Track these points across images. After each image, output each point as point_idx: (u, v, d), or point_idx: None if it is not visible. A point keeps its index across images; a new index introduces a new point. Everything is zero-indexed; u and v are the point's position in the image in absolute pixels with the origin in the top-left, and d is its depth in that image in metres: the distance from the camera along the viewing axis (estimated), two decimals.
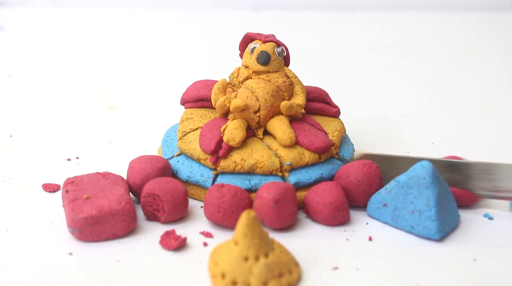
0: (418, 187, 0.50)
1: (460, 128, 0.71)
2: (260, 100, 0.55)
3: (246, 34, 0.59)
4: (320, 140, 0.55)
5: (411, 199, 0.50)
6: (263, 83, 0.56)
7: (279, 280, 0.45)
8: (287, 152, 0.55)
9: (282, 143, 0.55)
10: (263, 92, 0.56)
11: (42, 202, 0.55)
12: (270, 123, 0.56)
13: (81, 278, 0.46)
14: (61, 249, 0.49)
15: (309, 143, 0.55)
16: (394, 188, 0.51)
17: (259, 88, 0.56)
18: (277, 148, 0.55)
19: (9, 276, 0.46)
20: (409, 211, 0.50)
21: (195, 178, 0.55)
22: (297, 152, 0.55)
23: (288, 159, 0.54)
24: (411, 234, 0.51)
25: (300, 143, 0.55)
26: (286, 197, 0.51)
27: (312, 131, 0.56)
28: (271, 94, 0.56)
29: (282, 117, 0.56)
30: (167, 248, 0.49)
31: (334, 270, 0.47)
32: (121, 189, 0.52)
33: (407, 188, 0.50)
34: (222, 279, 0.45)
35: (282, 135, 0.55)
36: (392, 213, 0.52)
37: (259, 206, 0.50)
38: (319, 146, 0.55)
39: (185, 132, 0.57)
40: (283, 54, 0.58)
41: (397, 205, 0.51)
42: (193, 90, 0.61)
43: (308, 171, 0.55)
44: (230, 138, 0.54)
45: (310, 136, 0.55)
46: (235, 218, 0.50)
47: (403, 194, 0.51)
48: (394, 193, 0.51)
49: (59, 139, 0.68)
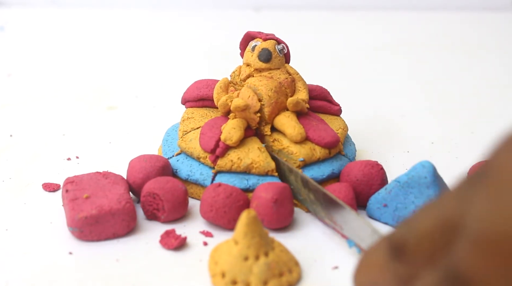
0: (419, 186, 0.50)
1: (460, 128, 0.71)
2: (264, 97, 0.55)
3: (247, 32, 0.59)
4: (329, 135, 0.55)
5: (412, 199, 0.50)
6: (265, 80, 0.56)
7: (279, 279, 0.45)
8: (298, 148, 0.54)
9: (292, 139, 0.55)
10: (266, 89, 0.56)
11: (42, 202, 0.55)
12: (278, 120, 0.56)
13: (81, 277, 0.46)
14: (61, 248, 0.49)
15: (319, 138, 0.55)
16: (394, 188, 0.51)
17: (261, 86, 0.56)
18: (288, 144, 0.55)
19: (9, 276, 0.46)
20: (411, 211, 0.50)
21: (194, 176, 0.55)
22: (308, 148, 0.55)
23: (300, 155, 0.54)
24: None
25: (310, 138, 0.55)
26: (284, 196, 0.51)
27: (320, 126, 0.56)
28: (274, 91, 0.56)
29: (289, 113, 0.56)
30: (167, 247, 0.49)
31: (334, 269, 0.47)
32: (121, 188, 0.52)
33: (408, 188, 0.50)
34: (222, 279, 0.45)
35: (292, 131, 0.54)
36: (392, 213, 0.51)
37: (258, 207, 0.50)
38: (329, 141, 0.55)
39: (186, 131, 0.57)
40: (283, 51, 0.58)
41: (397, 205, 0.51)
42: (194, 90, 0.61)
43: (320, 167, 0.55)
44: (227, 137, 0.54)
45: (319, 131, 0.55)
46: (227, 218, 0.50)
47: (403, 194, 0.51)
48: (394, 193, 0.51)
49: (59, 139, 0.68)
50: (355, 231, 0.48)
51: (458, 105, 0.78)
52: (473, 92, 0.83)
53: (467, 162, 0.59)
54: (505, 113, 0.75)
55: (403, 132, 0.70)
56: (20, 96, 0.80)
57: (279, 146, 0.56)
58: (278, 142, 0.56)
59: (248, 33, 0.59)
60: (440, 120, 0.73)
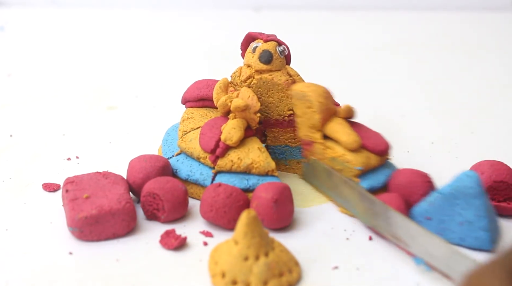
0: (465, 197, 0.48)
1: (460, 128, 0.71)
2: (314, 104, 0.53)
3: (248, 33, 0.59)
4: (382, 142, 0.53)
5: (459, 210, 0.48)
6: (313, 86, 0.54)
7: (279, 279, 0.45)
8: (354, 156, 0.52)
9: (348, 146, 0.52)
10: (316, 95, 0.53)
11: (42, 202, 0.55)
12: (330, 127, 0.54)
13: (81, 277, 0.46)
14: (61, 248, 0.49)
15: (373, 145, 0.53)
16: (438, 199, 0.49)
17: (311, 91, 0.53)
18: (343, 152, 0.53)
19: (9, 276, 0.46)
20: (458, 223, 0.48)
21: (194, 176, 0.55)
22: (365, 156, 0.52)
23: (357, 164, 0.52)
24: (461, 247, 0.49)
25: (365, 145, 0.53)
26: (284, 196, 0.51)
27: (369, 133, 0.54)
28: (325, 96, 0.53)
29: (341, 120, 0.54)
30: (167, 247, 0.49)
31: (334, 269, 0.47)
32: (121, 188, 0.52)
33: (453, 199, 0.48)
34: (222, 279, 0.45)
35: (347, 138, 0.52)
36: (437, 226, 0.49)
37: (258, 207, 0.50)
38: (383, 148, 0.53)
39: (186, 131, 0.57)
40: (284, 53, 0.58)
41: (442, 217, 0.49)
42: (194, 90, 0.61)
43: (376, 175, 0.53)
44: (227, 137, 0.54)
45: (372, 138, 0.53)
46: (227, 218, 0.50)
47: (449, 206, 0.48)
48: (438, 205, 0.49)
49: (59, 139, 0.68)
50: (424, 248, 0.46)
51: (458, 105, 0.78)
52: (473, 92, 0.83)
53: (467, 162, 0.59)
54: (505, 113, 0.75)
55: (403, 132, 0.70)
56: (20, 96, 0.80)
57: (332, 153, 0.54)
58: (331, 150, 0.54)
59: (249, 34, 0.59)
60: (440, 120, 0.73)
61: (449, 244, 0.45)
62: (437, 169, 0.59)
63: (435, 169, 0.59)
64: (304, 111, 0.55)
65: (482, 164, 0.55)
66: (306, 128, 0.55)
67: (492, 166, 0.54)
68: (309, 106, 0.54)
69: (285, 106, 0.58)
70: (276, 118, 0.59)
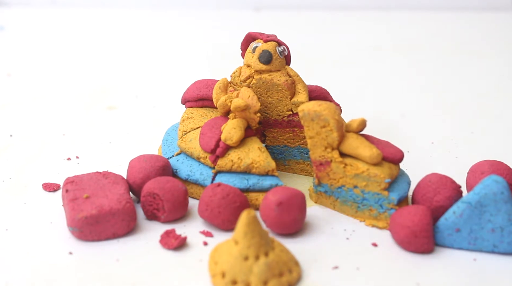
0: (495, 203, 0.47)
1: (460, 128, 0.71)
2: (331, 122, 0.51)
3: (248, 33, 0.59)
4: (397, 150, 0.53)
5: (488, 217, 0.47)
6: (324, 104, 0.52)
7: (279, 279, 0.45)
8: (379, 169, 0.51)
9: (372, 161, 0.51)
10: (331, 113, 0.51)
11: (42, 202, 0.55)
12: (348, 144, 0.52)
13: (81, 277, 0.46)
14: (61, 248, 0.49)
15: (392, 155, 0.52)
16: (466, 210, 0.48)
17: (324, 110, 0.51)
18: (366, 167, 0.51)
19: (9, 276, 0.46)
20: (488, 230, 0.48)
21: (194, 176, 0.55)
22: (387, 167, 0.51)
23: (385, 176, 0.51)
24: (493, 254, 0.49)
25: (385, 156, 0.52)
26: (292, 202, 0.50)
27: (381, 143, 0.53)
28: (338, 113, 0.52)
29: (355, 135, 0.52)
30: (167, 247, 0.49)
31: (334, 269, 0.47)
32: (121, 188, 0.52)
33: (481, 207, 0.47)
34: (222, 279, 0.45)
35: (370, 153, 0.51)
36: (468, 236, 0.48)
37: (263, 207, 0.50)
38: (400, 156, 0.52)
39: (186, 131, 0.57)
40: (284, 53, 0.58)
41: (472, 227, 0.48)
42: (194, 90, 0.61)
43: (399, 184, 0.52)
44: (227, 137, 0.54)
45: (386, 148, 0.52)
46: (221, 218, 0.50)
47: (477, 214, 0.47)
48: (467, 216, 0.48)
49: (59, 139, 0.68)
50: None
51: (458, 106, 0.78)
52: (473, 92, 0.83)
53: (467, 162, 0.59)
54: (505, 113, 0.75)
55: (403, 132, 0.70)
56: (20, 96, 0.80)
57: (354, 170, 0.52)
58: (352, 166, 0.52)
59: (249, 33, 0.59)
60: (440, 120, 0.73)
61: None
62: (437, 169, 0.59)
63: (435, 169, 0.59)
64: (318, 131, 0.52)
65: (482, 164, 0.55)
66: (321, 149, 0.53)
67: (492, 166, 0.54)
68: (323, 126, 0.51)
69: (284, 106, 0.58)
70: (275, 118, 0.59)
